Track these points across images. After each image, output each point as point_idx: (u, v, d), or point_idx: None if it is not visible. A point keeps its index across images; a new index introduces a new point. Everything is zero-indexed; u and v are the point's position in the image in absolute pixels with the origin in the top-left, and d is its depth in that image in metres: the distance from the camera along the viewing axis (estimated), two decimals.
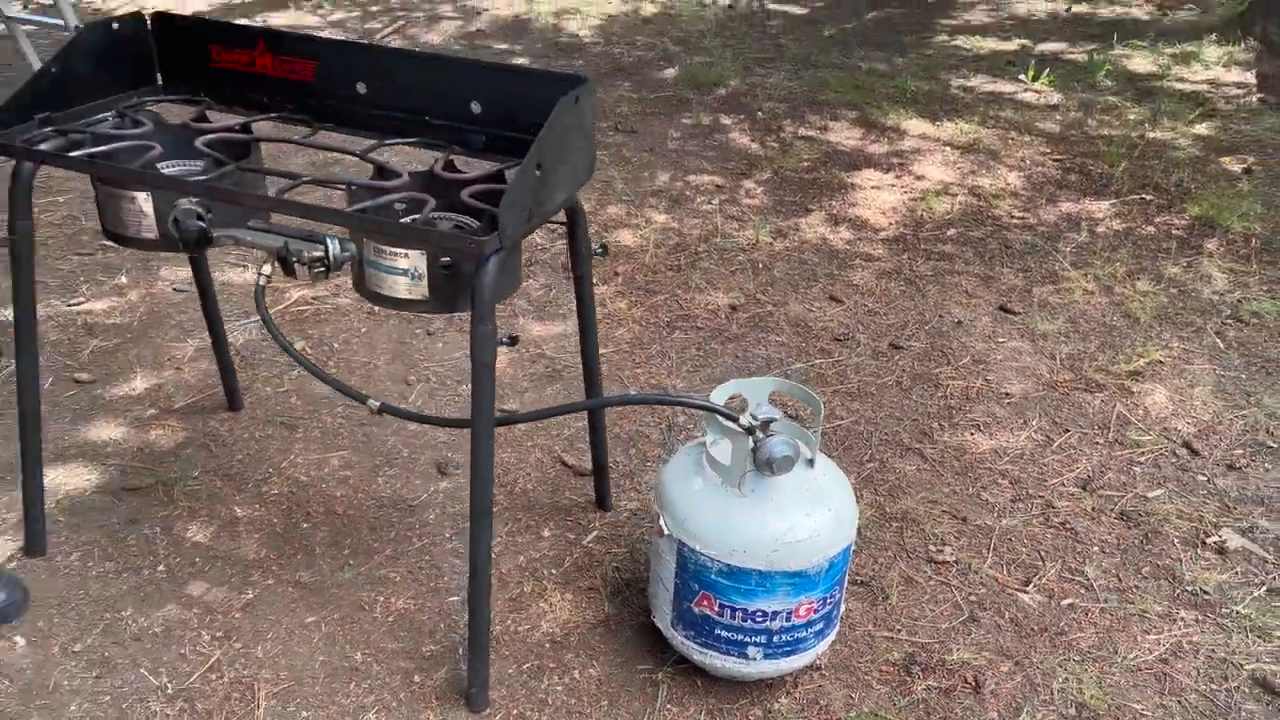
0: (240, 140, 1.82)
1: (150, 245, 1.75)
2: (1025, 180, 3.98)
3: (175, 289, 3.01)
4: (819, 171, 4.01)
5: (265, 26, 1.85)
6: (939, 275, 3.26)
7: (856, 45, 5.69)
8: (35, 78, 1.75)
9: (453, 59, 1.83)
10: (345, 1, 6.11)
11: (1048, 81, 5.02)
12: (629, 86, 4.97)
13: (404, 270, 1.58)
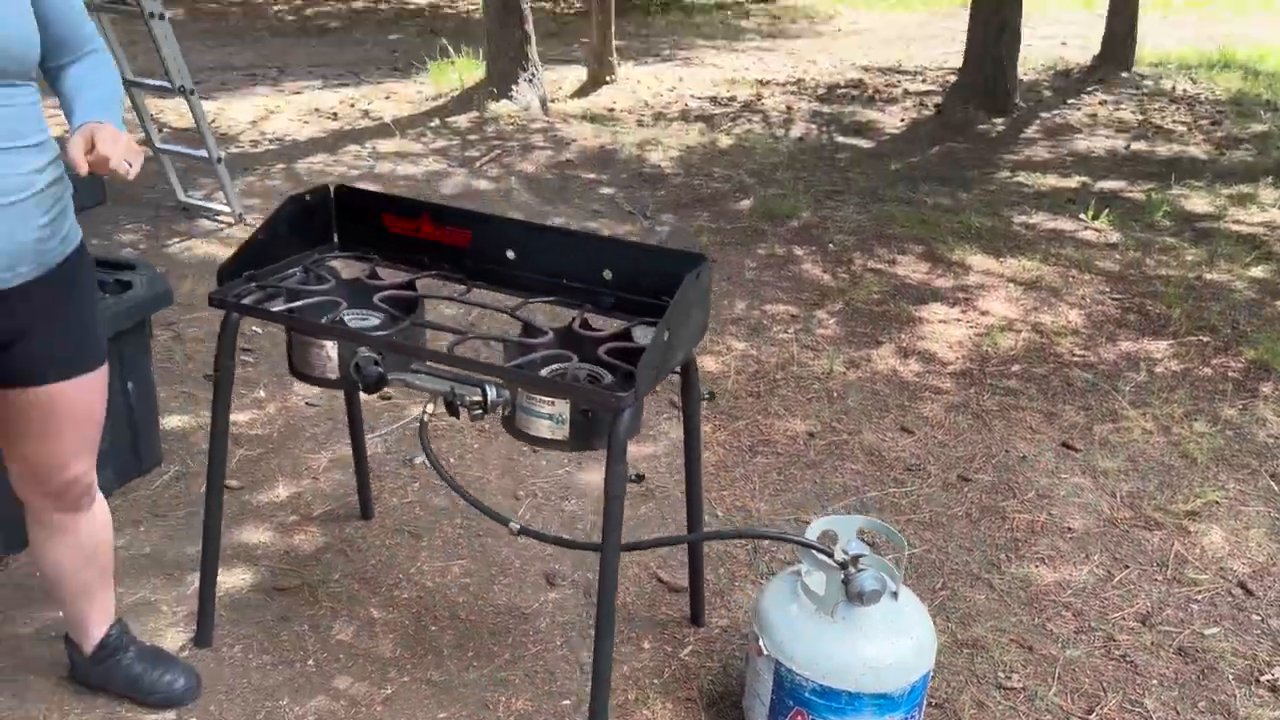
0: (409, 297, 2.16)
1: (332, 384, 2.08)
2: (1086, 318, 4.22)
3: (308, 403, 3.36)
4: (888, 304, 4.29)
5: (430, 202, 2.21)
6: (1004, 410, 3.48)
7: (921, 180, 6.03)
8: (246, 243, 2.11)
9: (588, 235, 2.16)
10: (446, 131, 6.65)
11: (1107, 220, 5.28)
12: (707, 217, 5.34)
13: (549, 415, 1.87)
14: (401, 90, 7.73)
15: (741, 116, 7.58)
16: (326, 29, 11.38)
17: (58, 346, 1.74)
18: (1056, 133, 7.22)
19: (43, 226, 1.64)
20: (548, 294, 2.18)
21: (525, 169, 6.00)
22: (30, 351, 1.71)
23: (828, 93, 8.53)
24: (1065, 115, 7.73)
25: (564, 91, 8.10)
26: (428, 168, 5.89)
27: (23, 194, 1.58)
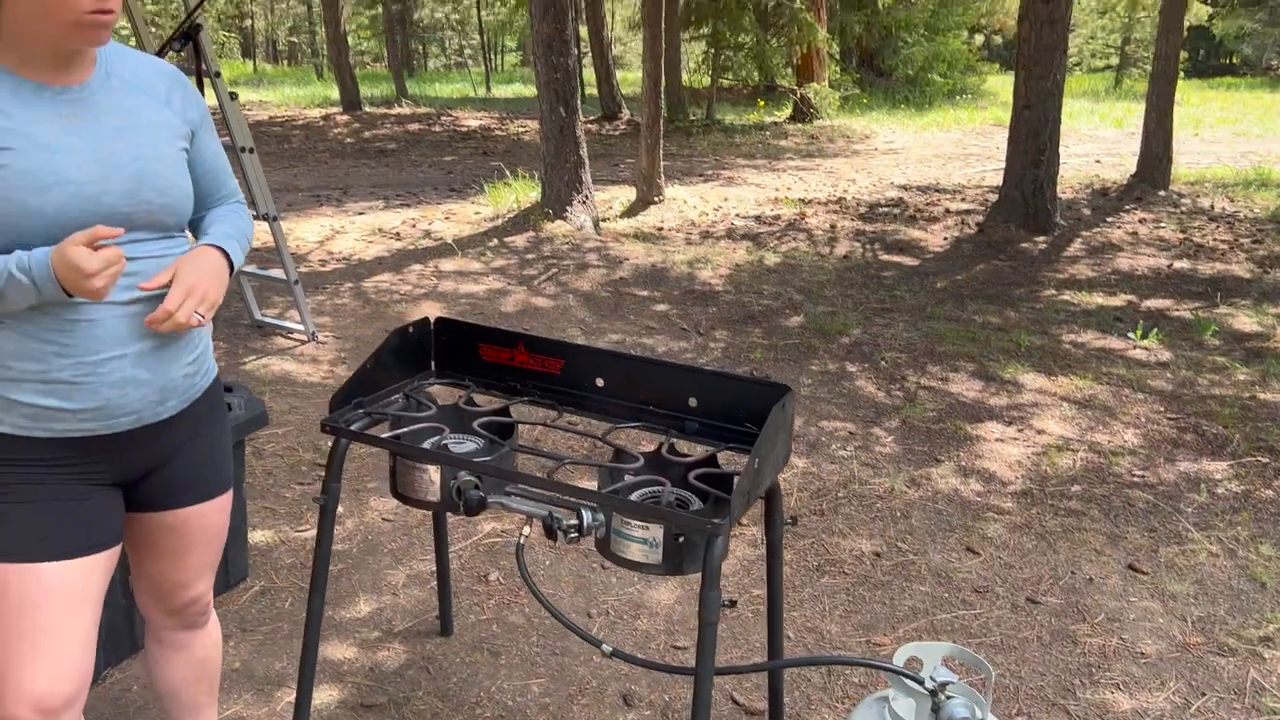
0: (506, 422, 2.28)
1: (432, 506, 2.18)
2: (1142, 438, 4.25)
3: (384, 519, 3.46)
4: (944, 422, 4.36)
5: (524, 332, 2.35)
6: (1068, 531, 3.51)
7: (968, 298, 6.16)
8: (356, 374, 2.25)
9: (674, 364, 2.28)
10: (504, 250, 6.91)
11: (1156, 339, 5.35)
12: (760, 333, 5.48)
13: (643, 540, 1.96)
14: (460, 210, 8.06)
15: (787, 235, 7.81)
16: (385, 151, 11.93)
17: (193, 472, 1.86)
18: (1099, 251, 7.36)
19: (189, 364, 1.77)
20: (634, 420, 2.29)
21: (581, 287, 6.21)
22: (168, 478, 1.83)
23: (869, 211, 8.77)
24: (1106, 233, 7.88)
25: (614, 211, 8.40)
26: (489, 286, 6.12)
27: (175, 335, 1.73)
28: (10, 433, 1.62)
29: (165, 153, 1.67)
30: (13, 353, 1.58)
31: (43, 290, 1.51)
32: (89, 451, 1.68)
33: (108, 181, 1.58)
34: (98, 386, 1.62)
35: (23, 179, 1.50)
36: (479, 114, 17.27)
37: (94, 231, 1.49)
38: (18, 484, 1.65)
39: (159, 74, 1.72)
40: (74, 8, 1.47)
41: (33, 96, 1.54)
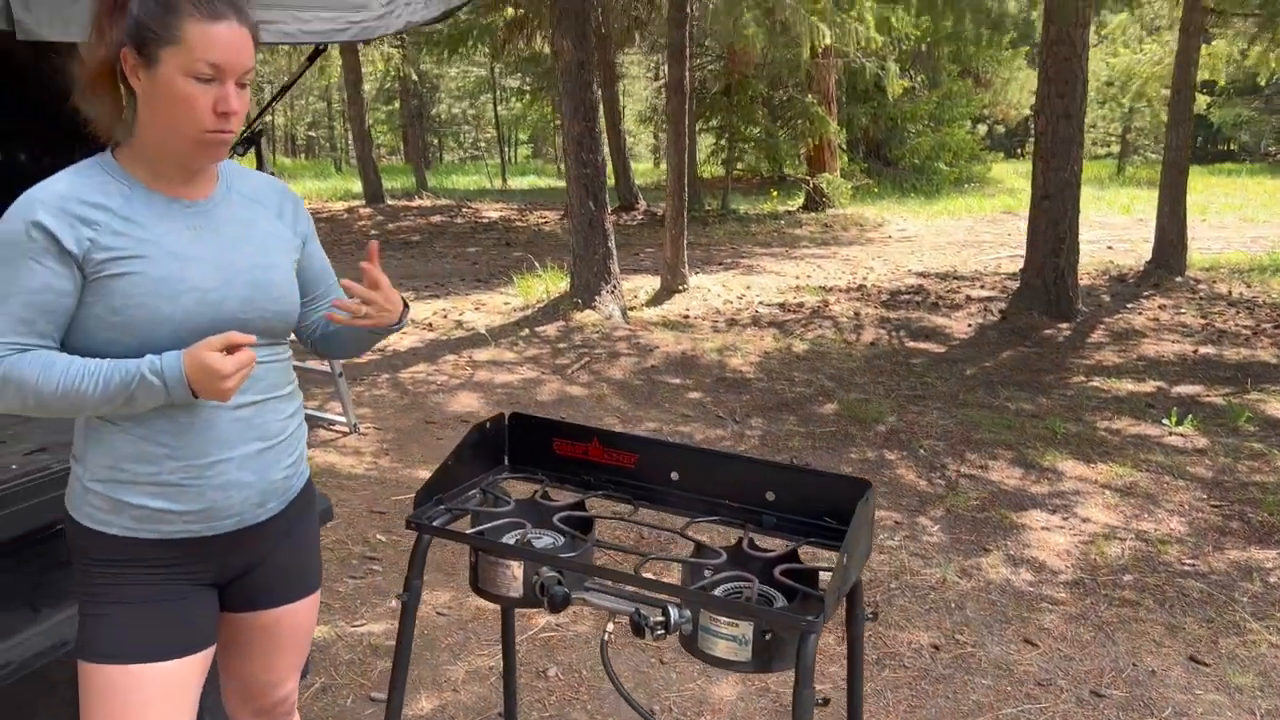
0: (585, 517, 2.30)
1: (515, 602, 2.19)
2: (1188, 526, 4.24)
3: (438, 613, 3.45)
4: (989, 511, 4.36)
5: (598, 427, 2.39)
6: (1125, 622, 3.48)
7: (999, 384, 6.20)
8: (438, 470, 2.28)
9: (750, 458, 2.32)
10: (536, 340, 7.00)
11: (1192, 426, 5.37)
12: (795, 421, 5.52)
13: (732, 637, 1.96)
14: (489, 300, 8.19)
15: (812, 322, 7.90)
16: (410, 243, 12.16)
17: (287, 572, 1.88)
18: (1123, 337, 7.42)
19: (288, 466, 1.80)
20: (711, 514, 2.32)
21: (614, 375, 6.28)
22: (262, 578, 1.85)
23: (891, 298, 8.88)
24: (1128, 319, 7.96)
25: (640, 300, 8.52)
26: (523, 375, 6.18)
27: (278, 439, 1.76)
28: (117, 534, 1.66)
29: (279, 263, 1.74)
30: (127, 455, 1.63)
31: (172, 392, 1.56)
32: (190, 552, 1.71)
33: (229, 288, 1.64)
34: (204, 489, 1.66)
35: (155, 286, 1.57)
36: (498, 205, 17.64)
37: (229, 337, 1.55)
38: (122, 585, 1.68)
39: (272, 189, 1.81)
40: (197, 125, 1.54)
41: (165, 209, 1.62)
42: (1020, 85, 25.69)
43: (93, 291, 1.57)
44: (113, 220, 1.56)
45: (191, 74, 1.51)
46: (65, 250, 1.53)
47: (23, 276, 1.52)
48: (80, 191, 1.57)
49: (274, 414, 1.75)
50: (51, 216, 1.52)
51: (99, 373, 1.53)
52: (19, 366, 1.52)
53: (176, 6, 1.50)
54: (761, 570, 2.11)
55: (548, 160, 36.97)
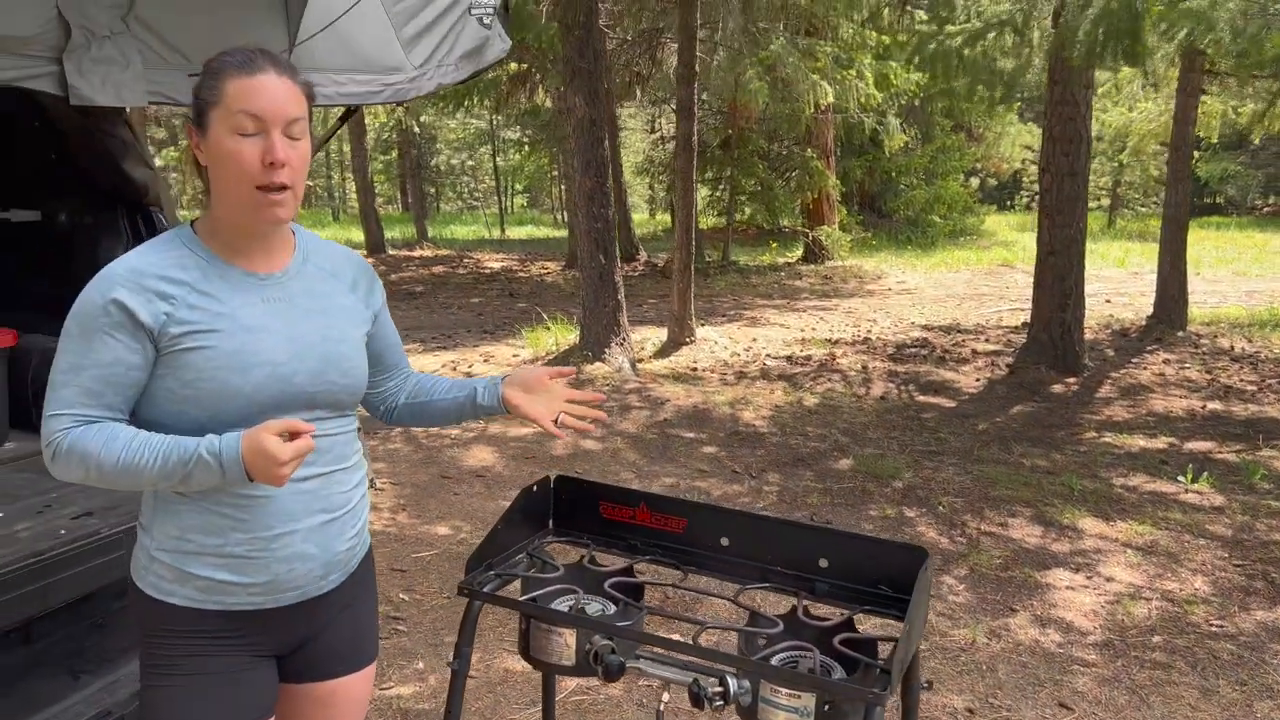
0: (635, 583, 2.29)
1: (567, 670, 2.17)
2: (1213, 586, 4.23)
3: (469, 675, 3.40)
4: (1012, 570, 4.35)
5: (646, 491, 2.38)
6: (1158, 685, 3.45)
7: (1012, 440, 6.21)
8: (488, 536, 2.27)
9: (805, 525, 2.31)
10: None
11: (1207, 483, 5.38)
12: (811, 477, 5.51)
13: (794, 709, 1.94)
14: (497, 352, 8.20)
15: (820, 375, 7.93)
16: (414, 293, 12.19)
17: (346, 643, 1.85)
18: (1131, 393, 7.45)
19: (351, 538, 1.78)
20: (761, 580, 2.30)
21: (627, 429, 6.27)
22: (322, 649, 1.82)
23: (897, 352, 8.92)
24: (1134, 375, 8.00)
25: (647, 351, 8.54)
26: (536, 429, 6.16)
27: (342, 510, 1.75)
28: (180, 604, 1.65)
29: (350, 336, 1.75)
30: (193, 526, 1.62)
31: (228, 474, 1.55)
32: (253, 624, 1.69)
33: (300, 362, 1.64)
34: (269, 561, 1.65)
35: (228, 359, 1.57)
36: (499, 255, 17.73)
37: (289, 424, 1.54)
38: (185, 657, 1.66)
39: (348, 263, 1.81)
40: (248, 180, 1.54)
41: (240, 281, 1.63)
42: (1011, 140, 26.10)
43: (165, 364, 1.57)
44: (189, 294, 1.57)
45: (235, 129, 1.53)
46: (140, 324, 1.54)
47: (96, 350, 1.53)
48: (158, 266, 1.58)
49: (339, 486, 1.74)
50: (128, 292, 1.54)
51: (158, 449, 1.53)
52: (84, 439, 1.53)
53: (219, 70, 1.55)
54: (819, 639, 2.10)
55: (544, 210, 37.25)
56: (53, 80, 2.51)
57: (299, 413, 1.65)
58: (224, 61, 1.55)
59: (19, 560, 2.04)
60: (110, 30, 2.60)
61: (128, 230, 2.96)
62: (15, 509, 2.33)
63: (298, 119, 1.57)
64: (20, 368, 2.80)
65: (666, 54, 15.30)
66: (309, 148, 1.62)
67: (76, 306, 1.55)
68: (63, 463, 1.54)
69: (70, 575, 2.14)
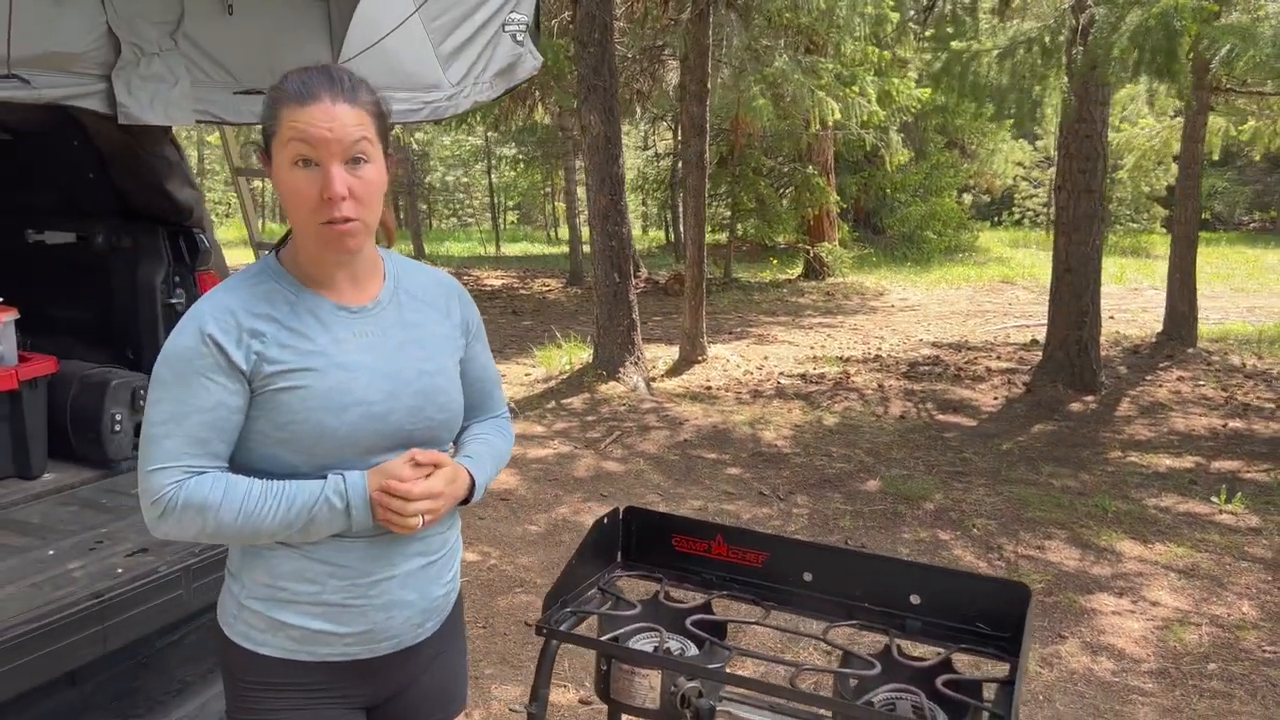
0: (719, 621, 2.19)
1: (651, 715, 2.07)
2: (1260, 610, 4.16)
3: (511, 709, 3.30)
4: (1056, 595, 4.26)
5: (723, 524, 2.29)
6: (1220, 715, 3.37)
7: (1039, 460, 6.14)
8: (564, 572, 2.18)
9: (892, 558, 2.23)
10: (564, 413, 6.91)
11: (1241, 504, 5.32)
12: (840, 499, 5.42)
13: None
14: (509, 372, 8.10)
15: (837, 394, 7.85)
16: None
17: (437, 692, 1.76)
18: (1150, 411, 7.41)
19: (448, 582, 1.69)
20: (848, 617, 2.21)
21: (648, 450, 6.17)
22: (413, 699, 1.72)
23: (911, 370, 8.86)
24: (1151, 392, 7.96)
25: (659, 370, 8.46)
26: (556, 450, 6.07)
27: (439, 554, 1.65)
28: (272, 654, 1.55)
29: (446, 367, 1.64)
30: (288, 573, 1.52)
31: (355, 519, 1.47)
32: (347, 676, 1.60)
33: (397, 400, 1.54)
34: (366, 609, 1.56)
35: (323, 399, 1.48)
36: (498, 273, 17.64)
37: (413, 456, 1.50)
38: (276, 710, 1.56)
39: (440, 287, 1.70)
40: (310, 217, 1.45)
41: (331, 317, 1.53)
42: (1004, 156, 26.25)
43: (258, 406, 1.47)
44: (280, 332, 1.48)
45: (292, 160, 1.43)
46: (235, 365, 1.44)
47: (196, 394, 1.43)
48: (247, 302, 1.48)
49: (436, 527, 1.65)
50: (220, 331, 1.44)
51: (279, 497, 1.44)
52: (199, 492, 1.43)
53: (277, 97, 1.45)
54: (919, 680, 2.01)
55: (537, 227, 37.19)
56: (101, 99, 2.42)
57: (396, 451, 1.55)
58: (282, 88, 1.45)
59: (80, 602, 1.94)
60: (160, 47, 2.52)
61: (169, 252, 2.87)
62: (66, 546, 2.23)
63: (359, 141, 1.44)
64: (59, 395, 2.69)
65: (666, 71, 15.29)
66: (378, 170, 1.49)
67: (168, 350, 1.45)
68: (174, 521, 1.43)
69: (130, 616, 2.04)
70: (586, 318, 11.31)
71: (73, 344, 2.86)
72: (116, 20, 2.41)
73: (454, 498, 1.58)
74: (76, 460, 2.71)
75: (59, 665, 1.94)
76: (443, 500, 1.54)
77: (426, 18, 3.55)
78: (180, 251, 2.87)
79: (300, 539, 1.49)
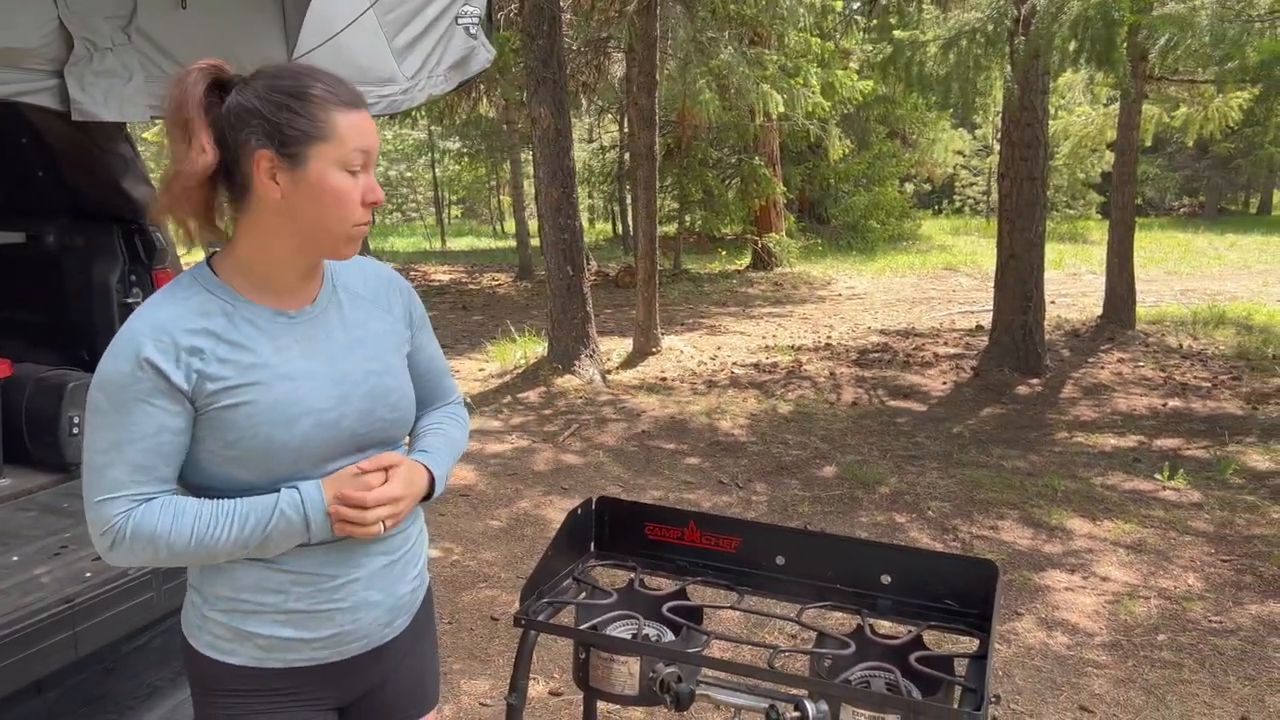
0: (694, 607, 2.22)
1: (631, 701, 2.09)
2: (1205, 582, 4.31)
3: (481, 704, 3.30)
4: (1010, 573, 4.37)
5: (696, 510, 2.32)
6: (1171, 684, 3.49)
7: (989, 443, 6.28)
8: (540, 563, 2.19)
9: (864, 541, 2.28)
10: (520, 407, 6.89)
11: (1183, 480, 5.50)
12: (798, 486, 5.49)
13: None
14: (462, 367, 8.06)
15: (790, 383, 7.94)
16: None
17: (407, 691, 1.74)
18: (1094, 392, 7.61)
19: (414, 579, 1.68)
20: (820, 599, 2.25)
21: (607, 442, 6.19)
22: (384, 698, 1.71)
23: (861, 357, 8.99)
24: (1093, 374, 8.18)
25: (613, 363, 8.47)
26: (514, 445, 6.06)
27: (402, 551, 1.64)
28: (241, 664, 1.53)
29: (393, 364, 1.61)
30: (249, 584, 1.50)
31: (314, 530, 1.46)
32: (318, 680, 1.58)
33: (347, 404, 1.51)
34: (333, 613, 1.54)
35: (270, 413, 1.43)
36: (444, 268, 17.50)
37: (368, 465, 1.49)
38: (250, 714, 1.55)
39: (378, 279, 1.65)
40: (349, 219, 1.43)
41: (270, 325, 1.48)
42: (944, 145, 26.68)
43: (204, 425, 1.43)
44: (218, 346, 1.42)
45: (345, 166, 1.41)
46: (175, 387, 1.39)
47: (136, 421, 1.38)
48: (181, 318, 1.41)
49: (397, 526, 1.63)
50: (157, 351, 1.38)
51: (231, 516, 1.41)
52: (148, 521, 1.39)
53: (323, 101, 1.39)
54: (892, 658, 2.06)
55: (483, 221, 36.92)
56: (53, 95, 2.37)
57: (350, 456, 1.52)
58: (324, 92, 1.39)
59: (50, 607, 1.90)
60: (113, 42, 2.47)
61: (124, 251, 2.81)
62: (30, 551, 2.18)
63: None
64: (14, 399, 2.63)
65: (611, 63, 15.28)
66: None
67: (102, 375, 1.38)
68: (125, 550, 1.40)
69: (101, 620, 2.01)
70: (539, 312, 11.29)
71: (26, 346, 2.79)
72: (68, 15, 2.35)
73: (415, 497, 1.56)
74: (33, 464, 2.65)
75: (29, 673, 1.90)
76: (404, 502, 1.53)
77: (380, 12, 3.52)
78: (136, 250, 2.82)
79: (259, 554, 1.46)
